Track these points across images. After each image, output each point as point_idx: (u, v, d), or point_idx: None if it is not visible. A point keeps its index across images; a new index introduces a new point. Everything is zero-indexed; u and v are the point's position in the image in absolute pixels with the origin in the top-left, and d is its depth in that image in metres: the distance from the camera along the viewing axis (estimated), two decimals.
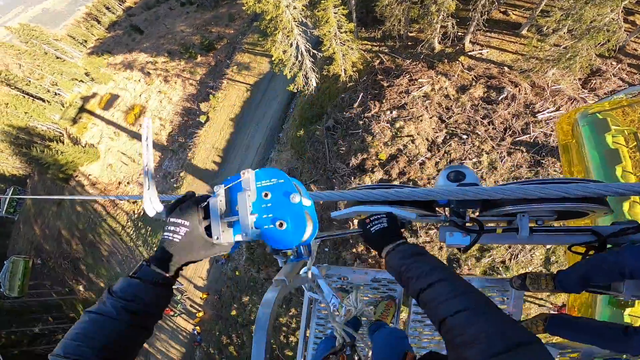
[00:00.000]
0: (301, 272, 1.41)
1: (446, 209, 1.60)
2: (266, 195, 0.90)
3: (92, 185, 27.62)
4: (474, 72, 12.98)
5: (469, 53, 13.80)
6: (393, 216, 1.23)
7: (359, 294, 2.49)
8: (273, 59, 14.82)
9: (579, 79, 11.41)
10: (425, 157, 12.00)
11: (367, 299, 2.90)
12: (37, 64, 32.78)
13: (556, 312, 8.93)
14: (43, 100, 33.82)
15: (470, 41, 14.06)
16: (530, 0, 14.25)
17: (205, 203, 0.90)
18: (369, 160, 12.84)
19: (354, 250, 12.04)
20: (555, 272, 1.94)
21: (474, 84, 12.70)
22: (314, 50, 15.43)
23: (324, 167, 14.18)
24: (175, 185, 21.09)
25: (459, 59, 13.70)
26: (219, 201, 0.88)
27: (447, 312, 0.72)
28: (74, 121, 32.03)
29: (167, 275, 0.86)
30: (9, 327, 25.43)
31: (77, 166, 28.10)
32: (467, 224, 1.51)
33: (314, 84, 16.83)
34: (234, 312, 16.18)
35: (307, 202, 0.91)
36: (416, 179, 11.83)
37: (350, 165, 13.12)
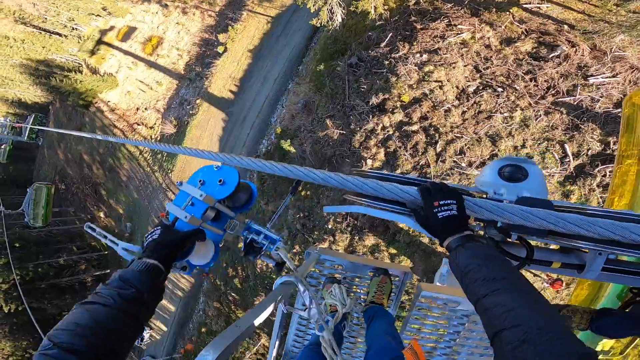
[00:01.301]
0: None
1: None
2: (201, 182, 1.24)
3: (112, 111, 27.21)
4: (526, 26, 11.03)
5: (525, 5, 11.64)
6: (462, 201, 0.97)
7: (349, 287, 2.20)
8: None
9: None
10: (452, 105, 10.74)
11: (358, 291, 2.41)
12: (52, 1, 30.58)
13: (551, 284, 8.47)
14: (60, 35, 32.44)
15: None
16: None
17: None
18: (390, 100, 11.64)
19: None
20: (596, 311, 1.60)
21: (522, 37, 10.84)
22: None
23: (342, 103, 13.00)
24: (191, 112, 20.08)
25: (511, 10, 11.61)
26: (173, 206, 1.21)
27: (505, 324, 0.63)
28: (92, 53, 30.92)
29: (157, 263, 0.95)
30: (37, 259, 24.29)
31: (96, 93, 27.53)
32: (509, 241, 1.11)
33: (339, 20, 14.83)
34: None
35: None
36: (438, 126, 10.73)
37: (370, 103, 11.96)
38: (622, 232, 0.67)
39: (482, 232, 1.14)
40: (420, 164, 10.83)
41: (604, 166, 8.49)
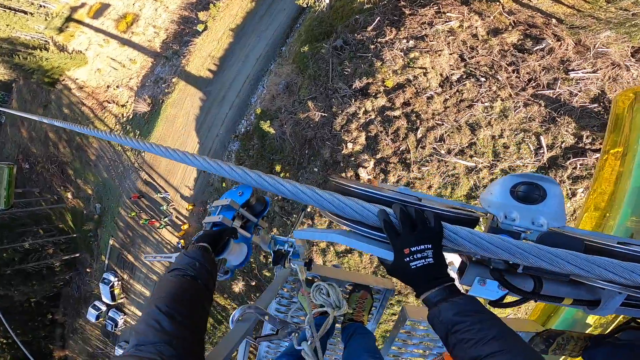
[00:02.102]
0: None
1: None
2: (227, 199, 1.47)
3: (80, 88, 25.16)
4: (514, 17, 10.86)
5: None
6: (439, 243, 0.79)
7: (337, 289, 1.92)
8: None
9: (632, 47, 9.62)
10: (435, 92, 10.42)
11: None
12: None
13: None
14: (26, 13, 29.75)
15: None
16: None
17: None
18: (373, 85, 11.14)
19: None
20: (590, 338, 1.48)
21: (510, 29, 10.68)
22: None
23: (325, 86, 12.35)
24: (166, 91, 18.59)
25: (501, 1, 11.35)
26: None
27: None
28: (61, 30, 28.37)
29: (206, 245, 1.14)
30: (1, 243, 22.63)
31: (64, 71, 25.42)
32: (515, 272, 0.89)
33: (327, 1, 14.04)
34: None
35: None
36: (420, 112, 10.35)
37: (353, 87, 11.42)
38: None
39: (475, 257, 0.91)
40: (400, 149, 10.47)
41: (575, 159, 8.65)
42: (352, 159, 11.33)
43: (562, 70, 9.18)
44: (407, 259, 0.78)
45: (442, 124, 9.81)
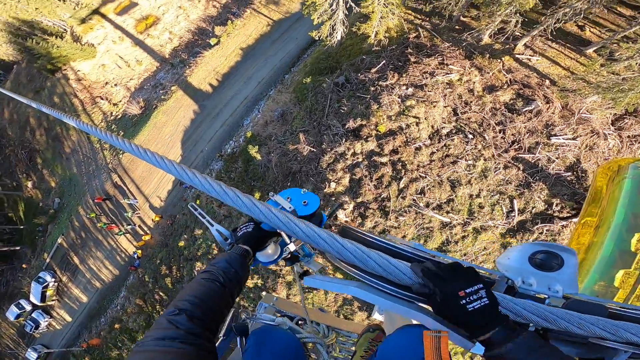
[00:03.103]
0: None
1: None
2: (289, 198, 1.51)
3: (78, 80, 27.65)
4: (511, 76, 12.72)
5: (517, 55, 13.45)
6: (488, 285, 0.94)
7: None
8: (306, 0, 14.56)
9: (614, 114, 11.33)
10: (424, 144, 11.91)
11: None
12: None
13: None
14: None
15: (525, 44, 13.76)
16: (616, 23, 13.90)
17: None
18: (366, 127, 12.72)
19: None
20: None
21: (505, 87, 12.46)
22: (352, 3, 15.07)
23: (319, 121, 14.04)
24: (162, 97, 20.87)
25: (502, 58, 13.38)
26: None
27: None
28: (83, 21, 32.31)
29: (249, 249, 1.35)
30: None
31: (69, 61, 28.61)
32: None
33: (339, 37, 16.45)
34: (182, 243, 16.08)
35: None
36: (406, 162, 11.82)
37: (347, 127, 12.97)
38: None
39: None
40: (382, 196, 11.71)
41: (543, 224, 9.82)
42: (333, 198, 12.63)
43: (545, 135, 10.56)
44: (464, 301, 0.89)
45: (425, 177, 11.15)
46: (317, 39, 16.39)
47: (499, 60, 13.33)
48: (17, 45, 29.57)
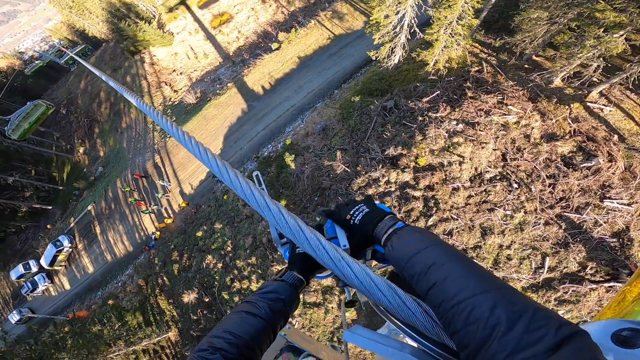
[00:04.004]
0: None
1: None
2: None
3: (151, 64, 30.63)
4: (577, 126, 11.78)
5: (589, 103, 12.50)
6: (370, 199, 1.13)
7: None
8: (370, 19, 14.64)
9: None
10: (462, 185, 11.40)
11: None
12: None
13: None
14: None
15: (600, 92, 12.76)
16: None
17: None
18: (406, 157, 12.50)
19: None
20: None
21: (567, 137, 11.56)
22: (416, 29, 15.06)
23: (359, 142, 14.09)
24: (218, 92, 22.44)
25: (571, 105, 12.50)
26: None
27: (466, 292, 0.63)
28: (170, 10, 35.89)
29: (302, 278, 1.17)
30: None
31: (149, 45, 31.95)
32: None
33: (396, 61, 16.49)
34: (199, 234, 16.63)
35: None
36: (439, 200, 11.38)
37: (386, 153, 12.87)
38: None
39: None
40: None
41: (570, 284, 9.15)
42: None
43: (599, 196, 9.75)
44: (352, 222, 1.08)
45: (457, 219, 10.63)
46: (374, 59, 16.57)
47: (566, 107, 12.43)
48: (111, 25, 33.00)
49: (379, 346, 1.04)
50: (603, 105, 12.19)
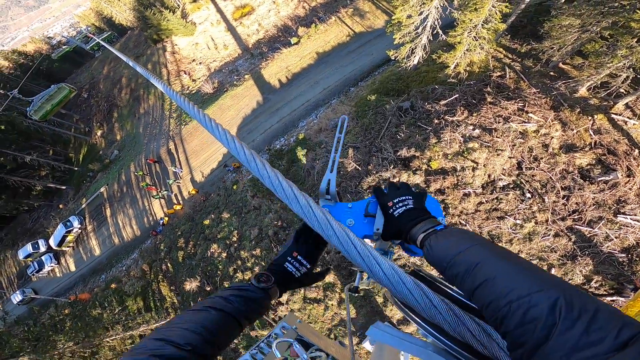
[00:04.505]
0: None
1: None
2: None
3: (172, 53, 31.42)
4: (598, 137, 11.48)
5: (613, 114, 12.15)
6: (420, 195, 1.12)
7: None
8: (392, 18, 14.53)
9: None
10: (474, 191, 11.26)
11: None
12: None
13: None
14: None
15: (626, 103, 12.38)
16: None
17: None
18: (418, 159, 12.42)
19: None
20: None
21: (586, 149, 11.29)
22: (439, 30, 14.88)
23: (372, 141, 14.06)
24: (235, 83, 22.77)
25: (595, 116, 12.19)
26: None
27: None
28: (194, 0, 36.52)
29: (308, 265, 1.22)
30: (9, 147, 25.38)
31: (171, 34, 32.71)
32: None
33: (415, 62, 16.35)
34: (207, 222, 16.85)
35: None
36: (449, 205, 11.27)
37: (398, 154, 12.82)
38: None
39: None
40: None
41: None
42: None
43: (612, 211, 9.55)
44: (391, 210, 1.05)
45: (465, 225, 10.53)
46: (393, 58, 16.48)
47: (589, 118, 12.07)
48: (137, 13, 34.06)
49: (405, 343, 1.07)
50: (628, 117, 11.81)
